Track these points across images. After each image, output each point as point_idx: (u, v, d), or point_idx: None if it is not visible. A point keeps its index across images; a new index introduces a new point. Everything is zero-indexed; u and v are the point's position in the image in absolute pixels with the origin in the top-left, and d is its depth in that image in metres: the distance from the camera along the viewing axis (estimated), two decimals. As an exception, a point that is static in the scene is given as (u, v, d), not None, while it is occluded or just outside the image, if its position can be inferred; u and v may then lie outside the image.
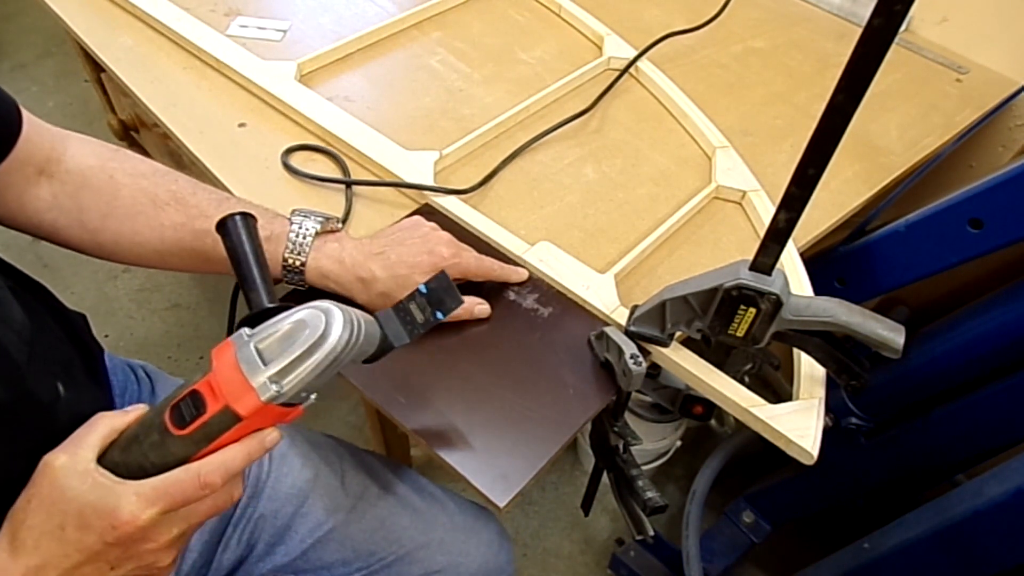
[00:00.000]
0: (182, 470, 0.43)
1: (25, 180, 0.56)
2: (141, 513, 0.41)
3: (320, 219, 0.60)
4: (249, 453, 0.44)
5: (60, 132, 0.59)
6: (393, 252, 0.60)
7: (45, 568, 0.41)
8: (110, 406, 0.63)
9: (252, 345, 0.42)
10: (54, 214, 0.58)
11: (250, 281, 0.50)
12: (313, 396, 0.44)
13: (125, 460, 0.44)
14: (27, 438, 0.46)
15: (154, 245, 0.59)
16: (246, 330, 0.44)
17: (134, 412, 0.46)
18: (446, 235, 0.62)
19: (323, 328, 0.42)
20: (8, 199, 0.56)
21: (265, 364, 0.42)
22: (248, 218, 0.52)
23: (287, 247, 0.59)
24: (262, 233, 0.59)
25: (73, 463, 0.42)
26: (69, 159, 0.58)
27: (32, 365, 0.50)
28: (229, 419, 0.42)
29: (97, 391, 0.61)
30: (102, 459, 0.43)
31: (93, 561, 0.42)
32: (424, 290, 0.52)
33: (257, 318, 0.45)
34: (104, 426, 0.45)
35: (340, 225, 0.63)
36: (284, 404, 0.43)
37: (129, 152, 0.61)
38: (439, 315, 0.51)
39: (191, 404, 0.43)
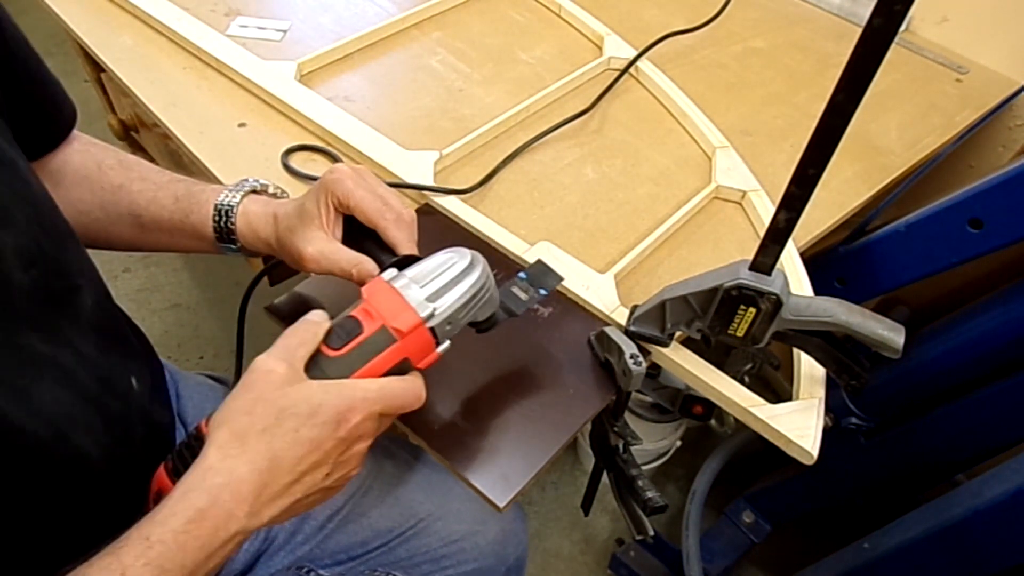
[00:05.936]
0: (400, 379, 0.45)
1: None
2: (369, 408, 0.43)
3: (255, 183, 0.62)
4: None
5: None
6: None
7: (277, 469, 0.41)
8: (168, 402, 0.64)
9: (406, 276, 0.47)
10: None
11: (381, 245, 0.53)
12: (447, 343, 0.48)
13: None
14: (113, 426, 0.49)
15: (96, 214, 0.59)
16: (392, 270, 0.48)
17: (324, 322, 0.46)
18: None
19: (471, 260, 0.48)
20: None
21: (421, 287, 0.46)
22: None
23: (215, 208, 0.59)
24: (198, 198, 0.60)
25: (292, 373, 0.43)
26: None
27: (107, 358, 0.51)
28: (385, 338, 0.45)
29: (155, 388, 0.61)
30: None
31: (323, 460, 0.43)
32: (524, 276, 0.57)
33: (397, 265, 0.50)
34: (311, 337, 0.45)
35: (277, 189, 0.64)
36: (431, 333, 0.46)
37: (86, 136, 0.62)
38: (543, 292, 0.57)
39: (346, 328, 0.45)
